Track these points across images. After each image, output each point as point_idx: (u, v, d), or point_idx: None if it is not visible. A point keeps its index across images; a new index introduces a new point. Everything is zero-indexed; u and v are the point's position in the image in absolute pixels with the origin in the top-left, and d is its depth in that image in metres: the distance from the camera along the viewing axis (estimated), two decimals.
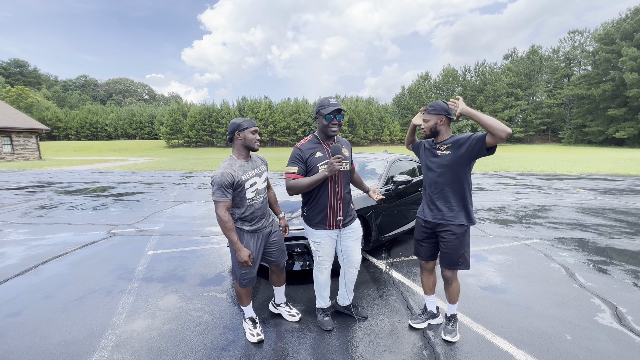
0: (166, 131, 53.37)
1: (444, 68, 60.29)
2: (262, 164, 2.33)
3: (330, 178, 2.22)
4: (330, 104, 2.16)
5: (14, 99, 57.88)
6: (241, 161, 2.18)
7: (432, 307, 2.52)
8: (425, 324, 2.49)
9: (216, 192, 2.04)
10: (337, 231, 2.33)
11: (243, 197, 2.15)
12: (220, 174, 2.04)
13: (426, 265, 2.47)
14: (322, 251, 2.35)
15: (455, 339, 2.26)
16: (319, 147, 2.26)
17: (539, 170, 15.06)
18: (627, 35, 43.05)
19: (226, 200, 2.05)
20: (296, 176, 2.20)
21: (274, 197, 2.52)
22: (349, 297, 2.57)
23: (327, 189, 2.24)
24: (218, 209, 2.05)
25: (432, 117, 2.20)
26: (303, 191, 2.21)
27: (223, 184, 2.03)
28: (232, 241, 2.07)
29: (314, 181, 2.13)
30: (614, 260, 3.82)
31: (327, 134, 2.23)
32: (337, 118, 2.18)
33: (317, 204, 2.27)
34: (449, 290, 2.35)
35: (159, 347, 2.25)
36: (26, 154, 26.25)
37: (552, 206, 7.01)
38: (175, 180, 12.34)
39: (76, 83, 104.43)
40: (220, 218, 2.05)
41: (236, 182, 2.08)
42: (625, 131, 41.94)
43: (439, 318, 2.54)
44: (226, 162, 2.12)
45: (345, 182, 2.31)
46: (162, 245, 4.52)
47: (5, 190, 9.94)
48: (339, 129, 2.23)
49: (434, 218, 2.26)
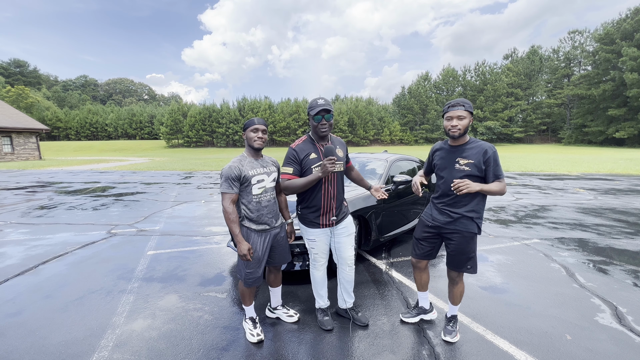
0: (166, 131, 53.39)
1: (444, 68, 60.38)
2: (272, 165, 2.37)
3: (323, 179, 2.25)
4: (318, 105, 2.17)
5: (14, 99, 57.85)
6: (250, 159, 2.26)
7: (424, 303, 2.54)
8: (417, 318, 2.52)
9: (223, 184, 2.14)
10: (331, 229, 2.38)
11: (250, 192, 2.20)
12: (228, 167, 2.15)
13: (418, 264, 2.46)
14: (316, 248, 2.39)
15: (455, 340, 2.25)
16: (313, 148, 2.28)
17: (539, 170, 15.06)
18: (627, 35, 43.05)
19: (232, 192, 2.14)
20: (291, 177, 2.24)
21: (285, 202, 2.53)
22: (349, 300, 2.54)
23: (321, 189, 2.27)
24: (224, 201, 2.13)
25: (468, 115, 2.04)
26: (298, 191, 2.25)
27: (230, 176, 2.13)
28: (234, 233, 2.12)
29: (307, 182, 2.17)
30: (614, 260, 3.82)
31: (318, 134, 2.26)
32: (326, 118, 2.20)
33: (311, 204, 2.30)
34: (453, 291, 2.32)
35: (159, 347, 2.25)
36: (26, 154, 26.26)
37: (552, 206, 7.01)
38: (175, 180, 12.34)
39: (76, 83, 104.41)
40: (224, 209, 2.13)
41: (243, 176, 2.16)
42: (625, 131, 41.93)
43: (432, 314, 2.54)
44: (237, 158, 2.23)
45: (338, 182, 2.34)
46: (162, 245, 4.53)
47: (5, 190, 9.94)
48: (329, 129, 2.25)
49: (443, 223, 2.20)
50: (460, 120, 2.03)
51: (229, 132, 52.55)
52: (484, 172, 2.06)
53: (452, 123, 2.06)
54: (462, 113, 2.02)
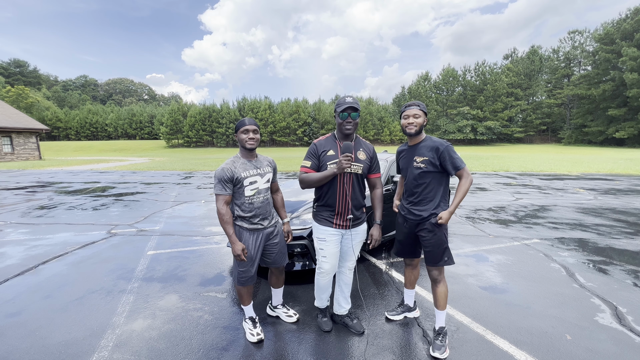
0: (166, 131, 53.37)
1: (444, 68, 60.35)
2: (268, 166, 2.37)
3: (340, 177, 2.20)
4: (345, 102, 2.15)
5: (14, 99, 57.82)
6: (244, 160, 2.27)
7: (409, 301, 2.62)
8: (401, 316, 2.60)
9: (216, 186, 2.17)
10: (343, 231, 2.29)
11: (242, 193, 2.22)
12: (221, 169, 2.18)
13: (411, 262, 2.55)
14: (325, 250, 2.28)
15: (444, 356, 2.09)
16: (334, 145, 2.25)
17: (539, 170, 15.06)
18: (627, 35, 43.06)
19: (225, 194, 2.17)
20: (308, 170, 2.23)
21: (281, 201, 2.53)
22: (345, 306, 2.48)
23: (336, 187, 2.22)
24: (217, 202, 2.17)
25: (422, 114, 2.22)
26: (313, 185, 2.22)
27: (222, 178, 2.16)
28: (228, 234, 2.16)
29: (322, 177, 2.15)
30: (614, 260, 3.82)
31: (342, 132, 2.22)
32: (352, 116, 2.15)
33: (325, 202, 2.27)
34: (436, 292, 2.25)
35: (159, 347, 2.25)
36: (26, 154, 26.25)
37: (552, 206, 7.01)
38: (175, 180, 12.34)
39: (76, 83, 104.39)
40: (218, 210, 2.17)
41: (235, 178, 2.18)
42: (625, 131, 41.94)
43: (415, 312, 2.63)
44: (230, 159, 2.26)
45: (355, 184, 2.24)
46: (162, 245, 4.53)
47: (5, 190, 9.94)
48: (354, 128, 2.19)
49: (413, 221, 2.32)
50: (416, 119, 2.20)
51: (228, 132, 52.54)
52: (440, 167, 2.18)
53: (408, 121, 2.22)
54: (418, 112, 2.20)
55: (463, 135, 52.81)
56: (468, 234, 4.98)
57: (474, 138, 53.58)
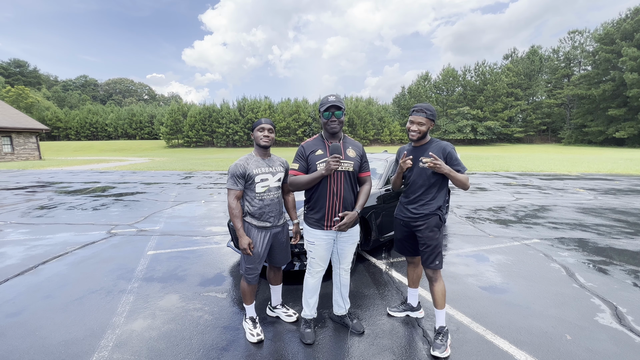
0: (166, 131, 53.33)
1: (444, 68, 60.25)
2: (280, 166, 2.41)
3: (330, 177, 2.15)
4: (328, 102, 2.13)
5: (14, 99, 57.86)
6: (257, 157, 2.34)
7: (412, 301, 2.63)
8: (402, 314, 2.62)
9: (229, 181, 2.26)
10: (335, 234, 2.24)
11: (253, 189, 2.28)
12: (234, 165, 2.26)
13: (412, 260, 2.58)
14: (314, 252, 2.25)
15: (444, 355, 2.10)
16: (322, 145, 2.23)
17: (539, 170, 15.06)
18: (627, 35, 43.06)
19: (236, 189, 2.24)
20: (297, 173, 2.21)
21: (293, 202, 2.53)
22: (345, 306, 2.47)
23: (326, 188, 2.17)
24: (229, 196, 2.25)
25: (428, 122, 2.22)
26: (302, 188, 2.21)
27: (235, 173, 2.24)
28: (237, 227, 2.20)
29: (311, 179, 2.13)
30: (614, 260, 3.82)
31: (328, 131, 2.20)
32: (336, 115, 2.12)
33: (315, 203, 2.22)
34: (433, 290, 2.29)
35: (159, 347, 2.25)
36: (26, 154, 26.26)
37: (552, 206, 7.01)
38: (175, 180, 12.34)
39: (76, 83, 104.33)
40: (229, 204, 2.25)
41: (247, 174, 2.25)
42: (625, 131, 41.93)
43: (419, 312, 2.62)
44: (244, 156, 2.33)
45: (346, 183, 2.19)
46: (162, 245, 4.53)
47: (5, 190, 9.94)
48: (339, 127, 2.17)
49: (411, 220, 2.35)
50: (419, 126, 2.23)
51: (229, 132, 52.52)
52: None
53: (412, 127, 2.25)
54: (423, 120, 2.21)
55: (463, 135, 52.80)
56: (468, 234, 4.98)
57: (474, 138, 53.57)
